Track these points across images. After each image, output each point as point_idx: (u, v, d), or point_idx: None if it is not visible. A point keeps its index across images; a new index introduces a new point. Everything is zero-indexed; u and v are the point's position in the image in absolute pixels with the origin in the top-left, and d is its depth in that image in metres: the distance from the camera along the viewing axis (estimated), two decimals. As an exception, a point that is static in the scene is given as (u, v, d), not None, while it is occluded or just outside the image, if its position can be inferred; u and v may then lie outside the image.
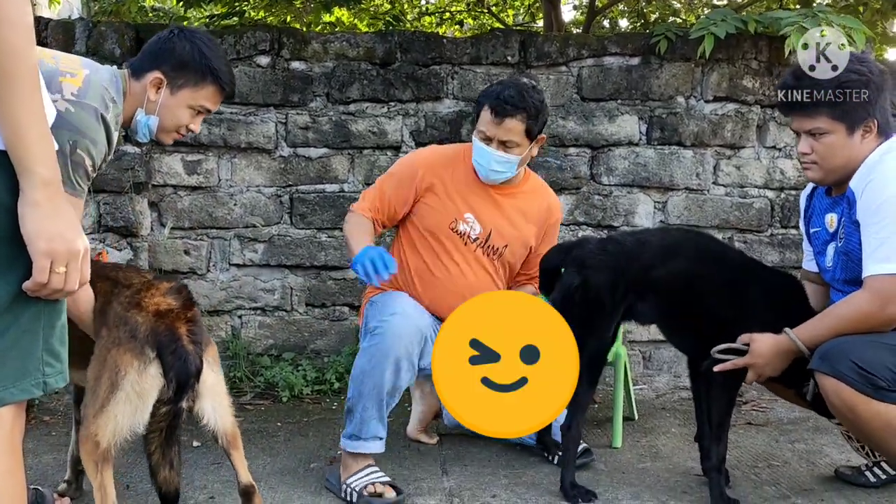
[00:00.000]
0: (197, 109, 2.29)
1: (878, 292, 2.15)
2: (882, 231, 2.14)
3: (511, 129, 2.61)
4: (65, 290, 1.36)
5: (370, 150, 3.95)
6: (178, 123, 2.28)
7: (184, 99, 2.25)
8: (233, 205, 3.91)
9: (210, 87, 2.27)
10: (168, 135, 2.30)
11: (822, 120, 2.26)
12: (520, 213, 2.81)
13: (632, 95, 4.02)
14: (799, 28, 3.52)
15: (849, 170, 2.28)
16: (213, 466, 2.80)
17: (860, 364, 2.11)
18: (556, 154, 4.01)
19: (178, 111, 2.26)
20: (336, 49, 3.94)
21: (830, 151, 2.28)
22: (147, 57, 2.25)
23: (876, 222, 2.16)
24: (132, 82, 2.22)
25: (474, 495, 2.54)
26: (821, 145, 2.28)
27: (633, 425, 3.27)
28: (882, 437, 2.16)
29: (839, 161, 2.28)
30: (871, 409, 2.12)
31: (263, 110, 3.91)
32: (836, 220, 2.37)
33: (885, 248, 2.13)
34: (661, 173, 4.03)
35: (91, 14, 6.65)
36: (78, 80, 2.03)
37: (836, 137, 2.26)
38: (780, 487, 2.61)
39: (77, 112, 1.98)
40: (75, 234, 1.35)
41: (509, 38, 4.03)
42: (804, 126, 2.31)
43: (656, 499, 2.52)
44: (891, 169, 2.18)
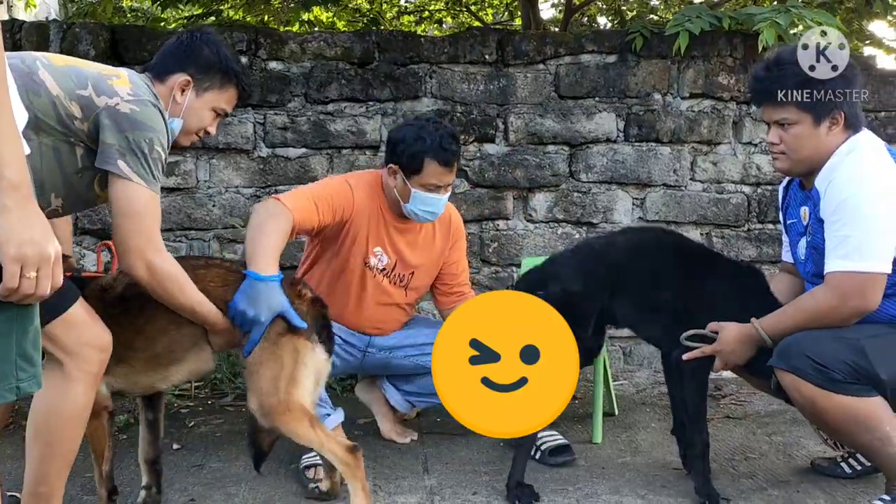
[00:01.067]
0: (218, 112, 2.30)
1: (836, 288, 2.20)
2: (841, 230, 2.19)
3: (454, 170, 2.74)
4: (36, 294, 1.35)
5: (349, 149, 3.95)
6: (200, 125, 2.29)
7: (209, 101, 2.26)
8: (211, 206, 3.90)
9: (233, 90, 2.30)
10: (188, 137, 2.31)
11: (790, 110, 2.29)
12: (428, 237, 2.88)
13: (609, 93, 4.05)
14: (772, 24, 3.56)
15: (815, 161, 2.31)
16: (194, 469, 2.79)
17: (816, 359, 2.16)
18: (534, 152, 4.02)
19: (202, 113, 2.27)
20: (314, 49, 3.93)
21: (798, 142, 2.30)
22: (171, 59, 2.25)
23: (835, 221, 2.21)
24: (155, 84, 2.21)
25: (455, 493, 2.55)
26: (789, 136, 2.31)
27: (614, 420, 3.30)
28: (844, 429, 2.21)
29: (806, 152, 2.31)
30: (829, 402, 2.16)
31: (241, 111, 3.89)
32: (808, 213, 2.40)
33: (844, 246, 2.18)
34: (639, 170, 4.06)
35: (68, 16, 6.60)
36: (124, 80, 2.08)
37: (802, 128, 2.29)
38: (757, 480, 2.64)
39: (143, 110, 2.03)
40: (46, 239, 1.34)
41: (487, 36, 4.04)
42: (773, 116, 2.34)
43: (635, 493, 2.54)
44: (849, 170, 2.23)
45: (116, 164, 2.00)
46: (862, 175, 2.21)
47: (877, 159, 2.25)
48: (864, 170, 2.22)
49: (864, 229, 2.16)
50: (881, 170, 2.23)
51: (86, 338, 2.01)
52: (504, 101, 4.02)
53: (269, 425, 2.26)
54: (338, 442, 2.27)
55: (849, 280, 2.18)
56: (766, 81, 2.34)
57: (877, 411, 2.17)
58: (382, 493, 2.56)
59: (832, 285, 2.21)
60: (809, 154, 2.31)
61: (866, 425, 2.16)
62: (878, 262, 2.16)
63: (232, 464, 2.85)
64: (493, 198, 4.02)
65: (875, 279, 2.17)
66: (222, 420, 3.38)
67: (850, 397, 2.16)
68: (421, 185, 2.67)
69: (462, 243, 3.03)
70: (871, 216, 2.16)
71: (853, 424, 2.18)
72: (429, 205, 2.70)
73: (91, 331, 2.03)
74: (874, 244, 2.16)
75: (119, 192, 2.03)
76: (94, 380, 2.05)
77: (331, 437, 2.27)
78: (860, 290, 2.17)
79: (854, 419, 2.17)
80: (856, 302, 2.18)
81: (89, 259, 3.76)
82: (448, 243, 2.96)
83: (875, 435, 2.16)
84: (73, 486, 2.59)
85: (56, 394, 1.99)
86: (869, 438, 2.18)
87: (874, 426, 2.16)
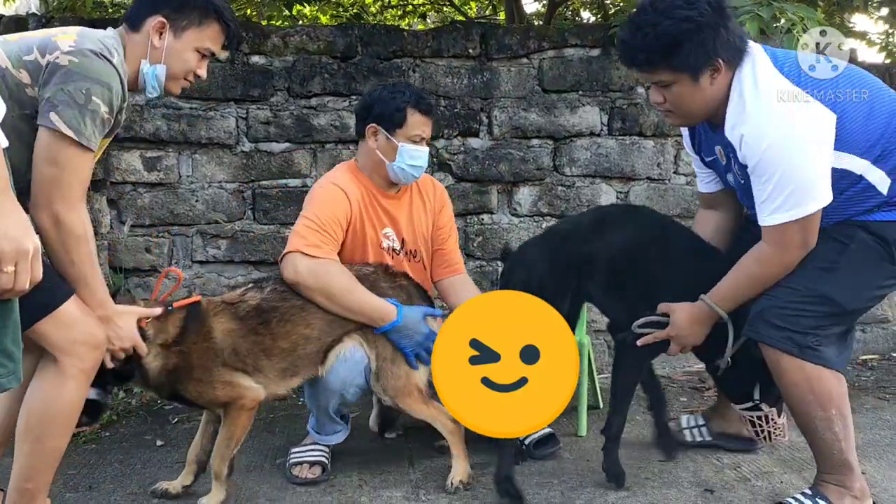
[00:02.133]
0: (202, 52, 2.21)
1: (773, 242, 2.15)
2: (767, 184, 2.10)
3: (432, 124, 2.78)
4: (14, 289, 1.34)
5: (332, 143, 3.94)
6: (186, 68, 2.20)
7: (190, 41, 2.17)
8: (194, 201, 3.87)
9: (215, 26, 2.19)
10: (177, 82, 2.21)
11: (662, 73, 2.18)
12: (417, 205, 2.87)
13: (593, 87, 4.05)
14: (754, 17, 3.55)
15: (710, 109, 2.22)
16: (177, 465, 2.77)
17: (780, 319, 2.16)
18: (518, 146, 4.02)
19: (185, 54, 2.18)
20: (296, 43, 3.91)
21: (681, 99, 2.21)
22: (142, 4, 2.16)
23: (759, 175, 2.11)
24: (130, 35, 2.14)
25: (440, 486, 2.55)
26: (671, 94, 2.21)
27: (599, 414, 3.30)
28: (799, 397, 2.19)
29: (694, 106, 2.22)
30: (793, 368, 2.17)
31: (223, 105, 3.87)
32: (724, 152, 2.33)
33: (772, 200, 2.10)
34: (623, 164, 4.07)
35: (48, 10, 6.52)
36: (72, 35, 1.98)
37: (682, 86, 2.17)
38: (741, 471, 2.66)
39: (81, 60, 1.92)
40: (22, 233, 1.32)
41: (470, 30, 4.04)
42: (649, 79, 2.25)
43: (620, 485, 2.55)
44: (757, 117, 2.10)
45: (48, 117, 1.89)
46: (769, 118, 2.09)
47: (770, 88, 2.12)
48: (769, 111, 2.09)
49: (792, 176, 2.07)
50: (783, 103, 2.10)
51: (77, 336, 1.97)
52: (488, 95, 4.01)
53: (392, 405, 2.56)
54: (446, 416, 2.53)
55: (787, 230, 2.12)
56: (629, 49, 2.19)
57: (833, 391, 2.17)
58: (368, 486, 2.56)
59: (772, 240, 2.16)
60: (699, 106, 2.21)
61: (819, 401, 2.17)
62: (812, 202, 2.08)
63: (216, 460, 2.83)
64: (478, 192, 4.01)
65: (813, 218, 2.11)
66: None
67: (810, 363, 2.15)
68: (406, 138, 2.67)
69: (449, 209, 2.98)
70: (795, 160, 2.06)
71: (809, 394, 2.17)
72: (415, 158, 2.68)
73: (84, 328, 1.99)
74: (807, 187, 2.07)
75: (43, 140, 1.91)
76: (86, 378, 2.02)
77: (441, 410, 2.53)
78: (801, 234, 2.13)
79: (811, 390, 2.17)
80: (797, 250, 2.15)
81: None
82: (437, 206, 2.92)
83: (823, 414, 2.18)
84: (54, 484, 2.57)
85: (49, 390, 1.97)
86: (816, 416, 2.18)
87: (825, 404, 2.17)
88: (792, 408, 2.26)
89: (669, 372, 4.00)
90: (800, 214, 2.08)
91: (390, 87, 2.76)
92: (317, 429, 2.73)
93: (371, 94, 2.77)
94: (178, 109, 3.84)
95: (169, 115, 3.84)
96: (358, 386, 2.55)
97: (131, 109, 3.80)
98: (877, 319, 4.34)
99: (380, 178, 2.75)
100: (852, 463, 2.22)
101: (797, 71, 2.16)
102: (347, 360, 2.50)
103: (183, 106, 3.84)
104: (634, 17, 2.20)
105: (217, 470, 2.38)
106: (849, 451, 2.21)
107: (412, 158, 2.68)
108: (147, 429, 3.19)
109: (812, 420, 2.20)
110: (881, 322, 4.35)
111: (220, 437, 2.39)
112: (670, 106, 2.25)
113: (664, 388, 3.74)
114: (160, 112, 3.83)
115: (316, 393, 2.60)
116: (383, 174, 2.73)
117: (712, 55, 2.12)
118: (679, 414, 3.07)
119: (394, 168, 2.69)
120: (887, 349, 4.35)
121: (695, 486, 2.53)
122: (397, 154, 2.67)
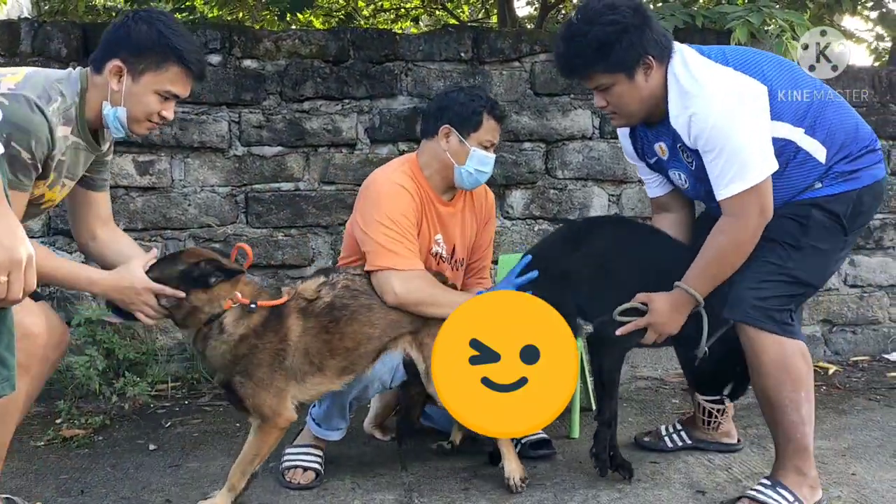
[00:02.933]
0: (164, 95, 2.19)
1: (733, 213, 2.25)
2: (719, 159, 2.22)
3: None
4: (8, 298, 1.33)
5: (325, 147, 3.94)
6: (147, 111, 2.19)
7: (148, 84, 2.15)
8: (187, 205, 3.87)
9: (174, 68, 2.17)
10: (140, 125, 2.21)
11: (600, 77, 2.32)
12: (470, 214, 2.87)
13: (584, 90, 4.05)
14: (744, 22, 3.59)
15: (649, 106, 2.36)
16: (170, 469, 2.77)
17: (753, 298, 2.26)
18: (511, 149, 4.04)
19: (144, 98, 2.16)
20: (288, 47, 3.92)
21: (622, 100, 2.34)
22: (104, 46, 2.16)
23: (709, 151, 2.23)
24: (93, 77, 2.15)
25: (433, 490, 2.56)
26: (612, 96, 2.35)
27: (591, 416, 3.30)
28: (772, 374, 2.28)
29: (635, 105, 2.35)
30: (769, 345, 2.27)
31: (216, 109, 3.87)
32: (665, 147, 2.45)
33: (725, 173, 2.22)
34: (615, 167, 4.09)
35: (40, 14, 6.52)
36: (19, 76, 1.99)
37: (621, 87, 2.31)
38: (732, 472, 2.67)
39: (10, 104, 1.92)
40: (15, 242, 1.31)
41: (462, 34, 4.05)
42: (589, 85, 2.38)
43: (612, 486, 2.55)
44: (699, 98, 2.23)
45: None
46: (710, 98, 2.22)
47: (703, 72, 2.27)
48: (709, 92, 2.23)
49: (740, 147, 2.19)
50: (718, 80, 2.24)
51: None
52: (480, 99, 4.02)
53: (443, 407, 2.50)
54: None
55: (744, 199, 2.22)
56: (566, 59, 2.35)
57: (804, 373, 2.29)
58: (360, 490, 2.56)
59: (731, 211, 2.25)
60: (639, 104, 2.35)
61: (792, 380, 2.27)
62: (762, 168, 2.20)
63: (209, 464, 2.83)
64: (470, 195, 4.02)
65: (765, 185, 2.22)
66: (199, 420, 3.36)
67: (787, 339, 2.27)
68: (478, 143, 2.68)
69: (494, 221, 3.02)
70: (740, 132, 2.19)
71: (783, 373, 2.27)
72: (483, 164, 2.69)
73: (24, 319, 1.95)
74: (754, 156, 2.20)
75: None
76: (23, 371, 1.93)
77: None
78: (757, 202, 2.22)
79: (786, 368, 2.27)
80: (757, 216, 2.24)
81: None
82: (485, 216, 2.94)
83: (792, 395, 2.27)
84: (46, 489, 2.58)
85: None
86: (786, 395, 2.27)
87: (797, 385, 2.27)
88: (764, 389, 2.33)
89: (662, 374, 4.01)
90: (753, 181, 2.20)
91: (468, 91, 2.77)
92: (321, 420, 2.67)
93: (447, 96, 2.77)
94: (171, 113, 3.84)
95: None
96: (383, 383, 2.55)
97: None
98: (867, 321, 4.36)
99: (442, 180, 2.73)
100: (810, 449, 2.31)
101: (723, 56, 2.31)
102: (385, 359, 2.52)
103: (175, 110, 3.84)
104: (564, 30, 2.36)
105: (234, 481, 2.39)
106: (809, 437, 2.30)
107: (481, 164, 2.68)
108: (140, 433, 3.18)
109: (783, 401, 2.28)
110: (872, 323, 4.37)
111: (245, 450, 2.39)
112: (613, 108, 2.38)
113: (657, 389, 3.78)
114: (152, 116, 3.83)
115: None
116: (448, 177, 2.72)
117: (642, 53, 2.27)
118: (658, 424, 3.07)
119: (461, 172, 2.68)
120: (877, 350, 4.37)
121: (686, 487, 2.54)
122: (468, 158, 2.67)
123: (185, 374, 3.81)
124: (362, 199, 2.66)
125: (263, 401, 2.35)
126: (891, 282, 4.38)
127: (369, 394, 2.63)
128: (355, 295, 2.49)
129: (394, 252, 2.52)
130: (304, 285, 2.52)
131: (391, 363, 2.53)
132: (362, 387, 2.55)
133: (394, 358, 2.52)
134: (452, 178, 2.71)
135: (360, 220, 2.63)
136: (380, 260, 2.51)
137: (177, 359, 3.82)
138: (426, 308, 2.51)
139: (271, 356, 2.35)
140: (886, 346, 4.38)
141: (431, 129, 2.73)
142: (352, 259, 2.76)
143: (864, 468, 2.69)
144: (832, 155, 2.29)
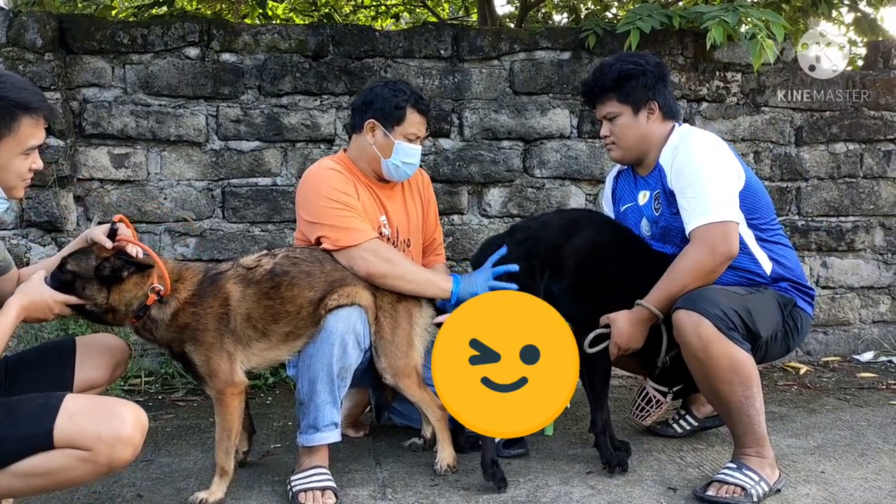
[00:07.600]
0: (27, 152, 2.04)
1: (703, 241, 2.47)
2: (692, 191, 2.51)
3: (427, 124, 2.85)
4: None
5: (303, 143, 3.93)
6: (20, 174, 2.06)
7: (10, 151, 2.01)
8: (163, 199, 3.84)
9: (26, 120, 2.01)
10: (17, 189, 2.08)
11: (611, 104, 2.69)
12: (410, 198, 2.94)
13: (563, 89, 4.09)
14: (720, 22, 3.62)
15: (643, 148, 2.70)
16: (142, 464, 2.75)
17: (719, 306, 2.38)
18: (489, 147, 4.05)
19: (11, 165, 2.03)
20: (267, 41, 3.90)
21: (623, 131, 2.69)
22: None
23: (687, 185, 2.53)
24: None
25: (407, 485, 2.56)
26: (616, 127, 2.70)
27: (565, 413, 3.31)
28: (725, 378, 2.38)
29: (632, 140, 2.70)
30: (722, 348, 2.35)
31: (193, 103, 3.85)
32: (648, 195, 2.74)
33: (699, 204, 2.49)
34: (592, 166, 4.11)
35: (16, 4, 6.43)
36: None
37: (625, 119, 2.68)
38: (703, 469, 2.70)
39: None
40: None
41: (442, 31, 4.05)
42: (601, 112, 2.74)
43: (585, 483, 2.57)
44: (692, 143, 2.59)
45: None
46: (701, 146, 2.57)
47: (706, 134, 2.67)
48: (701, 142, 2.59)
49: (712, 188, 2.48)
50: (712, 140, 2.62)
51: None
52: (459, 97, 4.03)
53: (392, 384, 2.61)
54: (437, 403, 2.59)
55: (712, 230, 2.46)
56: (590, 84, 2.74)
57: (752, 371, 2.40)
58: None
59: (700, 239, 2.48)
60: (636, 141, 2.70)
61: (742, 380, 2.38)
62: (728, 212, 2.49)
63: (182, 459, 2.82)
64: (448, 192, 4.03)
65: (732, 226, 2.48)
66: (172, 415, 3.34)
67: (737, 346, 2.37)
68: (403, 136, 2.73)
69: (434, 200, 3.09)
70: (719, 175, 2.51)
71: (734, 374, 2.37)
72: (410, 156, 2.75)
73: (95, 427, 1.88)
74: (723, 198, 2.49)
75: None
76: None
77: (434, 397, 2.59)
78: (723, 236, 2.46)
79: (736, 370, 2.37)
80: (722, 248, 2.46)
81: (35, 252, 3.68)
82: (427, 196, 3.02)
83: (745, 392, 2.39)
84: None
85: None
86: (740, 394, 2.39)
87: (747, 383, 2.39)
88: (716, 389, 2.43)
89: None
90: (721, 217, 2.47)
91: (392, 85, 2.79)
92: (312, 421, 2.46)
93: (372, 90, 2.80)
94: (147, 106, 3.81)
95: (137, 111, 3.81)
96: (358, 335, 2.46)
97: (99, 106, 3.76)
98: (839, 322, 4.42)
99: (374, 173, 2.81)
100: (766, 434, 2.46)
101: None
102: (343, 312, 2.46)
103: (152, 103, 3.82)
104: (599, 65, 2.78)
105: (222, 464, 2.39)
106: (763, 424, 2.45)
107: (407, 156, 2.74)
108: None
109: (736, 399, 2.40)
110: (843, 325, 4.43)
111: (218, 430, 2.41)
112: (614, 138, 2.72)
113: (630, 388, 3.80)
114: (128, 109, 3.80)
115: (312, 356, 2.46)
116: (377, 170, 2.79)
117: (650, 96, 2.67)
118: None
119: (388, 165, 2.75)
120: (847, 351, 4.44)
121: (658, 484, 2.56)
122: (393, 151, 2.72)
123: (159, 369, 3.79)
124: (300, 195, 2.73)
125: (217, 364, 2.38)
126: (862, 283, 4.44)
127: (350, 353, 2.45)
128: (296, 262, 2.52)
129: (346, 228, 2.58)
130: (245, 258, 2.57)
131: (350, 317, 2.46)
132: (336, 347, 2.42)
133: (352, 312, 2.47)
134: (381, 171, 2.77)
135: (303, 213, 2.69)
136: (338, 239, 2.57)
137: (150, 354, 3.79)
138: (391, 280, 2.56)
139: (216, 319, 2.38)
140: (857, 347, 4.45)
141: (358, 124, 2.79)
142: None
143: (833, 466, 2.72)
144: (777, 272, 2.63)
